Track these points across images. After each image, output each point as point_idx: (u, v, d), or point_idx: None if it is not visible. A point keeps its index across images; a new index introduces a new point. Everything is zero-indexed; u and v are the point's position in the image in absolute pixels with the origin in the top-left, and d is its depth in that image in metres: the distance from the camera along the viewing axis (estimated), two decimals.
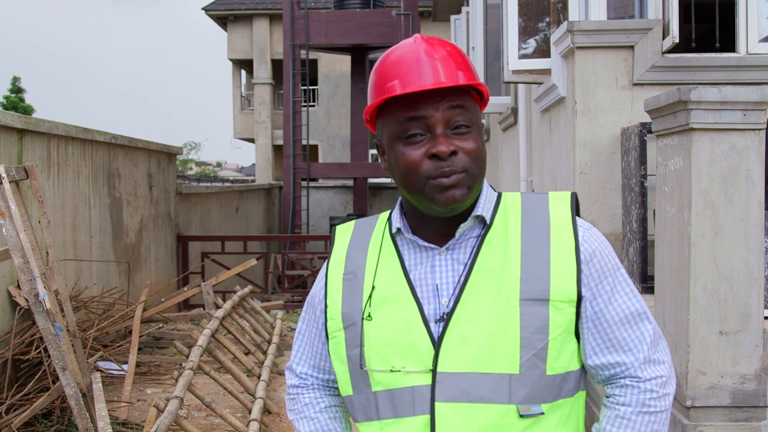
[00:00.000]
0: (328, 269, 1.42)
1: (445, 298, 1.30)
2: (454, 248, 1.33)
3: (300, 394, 1.49)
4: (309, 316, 1.47)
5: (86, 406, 4.14)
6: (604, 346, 1.34)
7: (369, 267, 1.37)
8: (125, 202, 8.23)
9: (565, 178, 4.98)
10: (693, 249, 2.76)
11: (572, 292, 1.29)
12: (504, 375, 1.26)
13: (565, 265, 1.29)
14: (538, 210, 1.35)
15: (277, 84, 22.45)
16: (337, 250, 1.44)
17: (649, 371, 1.34)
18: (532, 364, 1.26)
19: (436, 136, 1.26)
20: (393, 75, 1.29)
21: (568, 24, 4.61)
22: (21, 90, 29.39)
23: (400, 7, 15.09)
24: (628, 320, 1.34)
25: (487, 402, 1.25)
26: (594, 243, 1.34)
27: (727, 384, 2.76)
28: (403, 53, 1.30)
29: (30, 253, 4.13)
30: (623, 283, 1.35)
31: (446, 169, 1.25)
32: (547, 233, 1.32)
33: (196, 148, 46.18)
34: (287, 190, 15.19)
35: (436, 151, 1.25)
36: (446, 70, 1.27)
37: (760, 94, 2.69)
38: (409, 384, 1.28)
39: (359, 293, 1.35)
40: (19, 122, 5.87)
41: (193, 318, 7.68)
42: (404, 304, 1.31)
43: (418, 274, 1.33)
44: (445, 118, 1.26)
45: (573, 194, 1.38)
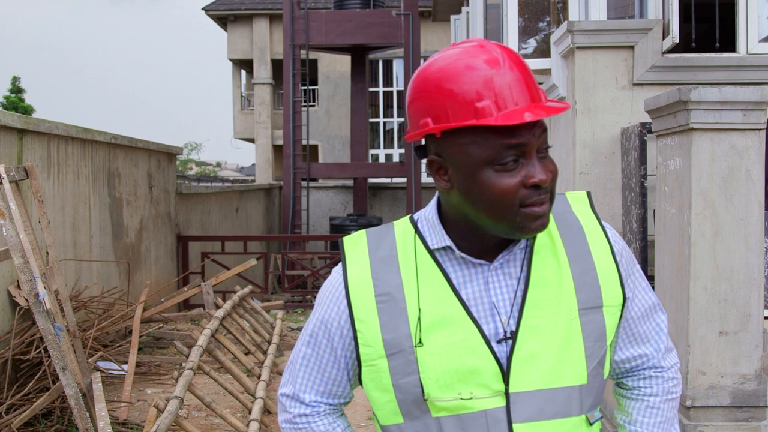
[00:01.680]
0: (349, 290, 1.29)
1: (504, 317, 1.24)
2: (505, 262, 1.27)
3: (312, 422, 1.39)
4: (321, 341, 1.34)
5: (86, 406, 4.14)
6: (628, 340, 1.37)
7: (408, 287, 1.26)
8: (125, 202, 8.23)
9: (565, 178, 4.98)
10: (693, 249, 2.76)
11: (619, 295, 1.30)
12: (575, 387, 1.25)
13: (608, 270, 1.30)
14: (565, 214, 1.33)
15: (277, 84, 22.45)
16: (354, 266, 1.31)
17: (668, 359, 1.40)
18: (596, 372, 1.27)
19: (533, 163, 1.18)
20: (480, 92, 1.15)
21: (568, 24, 4.61)
22: (21, 90, 29.40)
23: (400, 7, 15.09)
24: (648, 313, 1.38)
25: (563, 417, 1.24)
26: (619, 242, 1.35)
27: (727, 384, 2.76)
28: (480, 64, 1.16)
29: (30, 253, 4.13)
30: (640, 278, 1.38)
31: (543, 196, 1.19)
32: (584, 239, 1.31)
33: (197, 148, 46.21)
34: (287, 190, 15.20)
35: (538, 180, 1.17)
36: (531, 90, 1.18)
37: (760, 94, 2.69)
38: (480, 408, 1.23)
39: (404, 317, 1.25)
40: (19, 122, 5.87)
41: (193, 318, 7.68)
42: (461, 327, 1.23)
43: (471, 293, 1.26)
44: (538, 143, 1.19)
45: (588, 194, 1.38)
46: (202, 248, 10.59)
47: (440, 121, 1.18)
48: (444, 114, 1.18)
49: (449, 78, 1.17)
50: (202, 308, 8.25)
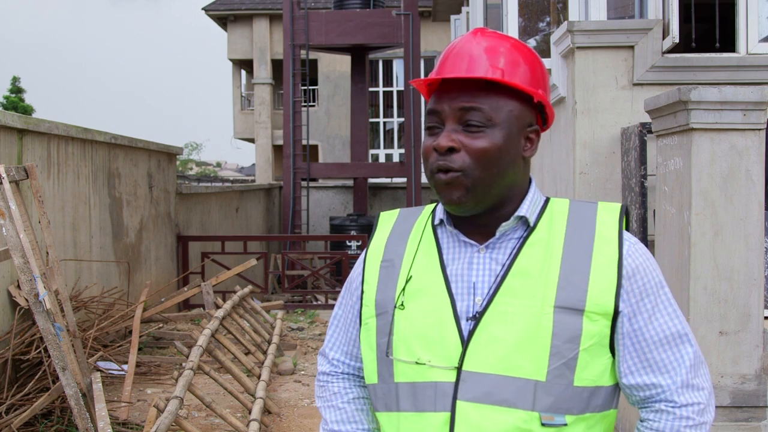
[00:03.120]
0: (366, 255, 1.42)
1: (479, 297, 1.28)
2: (495, 247, 1.31)
3: (329, 382, 1.48)
4: (346, 301, 1.47)
5: (86, 406, 4.14)
6: (641, 365, 1.29)
7: (407, 256, 1.36)
8: (125, 202, 8.23)
9: (565, 178, 4.98)
10: (693, 249, 2.76)
11: (609, 306, 1.26)
12: (530, 381, 1.23)
13: (605, 278, 1.26)
14: (585, 218, 1.32)
15: (277, 84, 22.45)
16: (377, 236, 1.43)
17: (686, 396, 1.28)
18: (559, 373, 1.24)
19: (445, 130, 1.27)
20: (437, 64, 1.32)
21: (568, 24, 4.61)
22: (21, 90, 29.40)
23: (400, 7, 15.08)
24: (668, 341, 1.29)
25: (509, 406, 1.23)
26: (639, 258, 1.30)
27: (727, 384, 2.76)
28: (455, 44, 1.32)
29: (30, 253, 4.13)
30: (666, 303, 1.31)
31: (441, 163, 1.26)
32: (591, 243, 1.29)
33: (197, 148, 46.20)
34: (287, 190, 15.19)
35: (436, 145, 1.26)
36: (478, 65, 1.27)
37: (760, 94, 2.69)
38: (432, 379, 1.27)
39: (394, 281, 1.35)
40: (19, 122, 5.87)
41: (193, 318, 7.68)
42: (438, 298, 1.30)
43: (456, 269, 1.31)
44: (456, 114, 1.26)
45: (623, 207, 1.35)
46: (202, 248, 10.59)
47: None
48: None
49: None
50: (202, 308, 8.24)
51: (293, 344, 7.47)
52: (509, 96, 1.28)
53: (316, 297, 10.71)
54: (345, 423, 1.45)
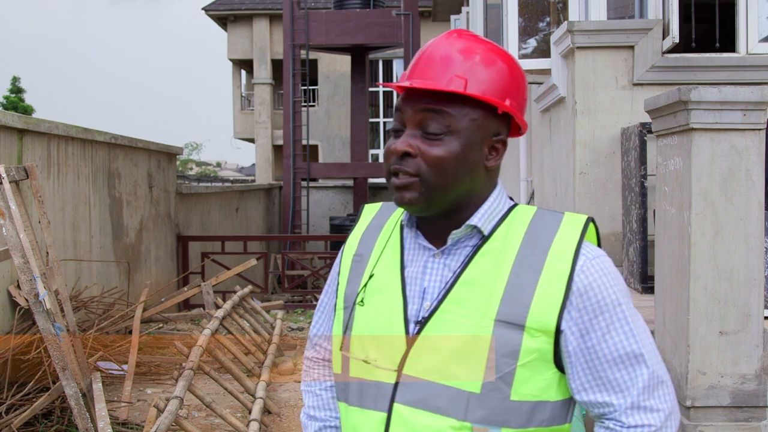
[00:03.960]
0: (345, 247, 1.45)
1: (428, 302, 1.29)
2: (449, 254, 1.31)
3: (311, 368, 1.53)
4: (330, 288, 1.50)
5: (86, 406, 4.14)
6: (594, 383, 1.27)
7: (375, 252, 1.39)
8: (125, 202, 8.23)
9: (565, 178, 4.98)
10: (693, 249, 2.76)
11: (550, 323, 1.23)
12: (464, 392, 1.23)
13: (550, 294, 1.23)
14: (544, 231, 1.29)
15: (277, 84, 22.45)
16: (357, 228, 1.46)
17: (634, 418, 1.25)
18: (494, 386, 1.22)
19: (405, 134, 1.27)
20: (409, 66, 1.31)
21: (568, 24, 4.61)
22: (21, 90, 29.40)
23: (400, 7, 15.09)
24: (622, 360, 1.25)
25: (442, 414, 1.24)
26: (594, 275, 1.25)
27: (727, 384, 2.76)
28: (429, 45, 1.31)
29: (30, 253, 4.13)
30: (622, 321, 1.26)
31: (397, 167, 1.26)
32: (543, 257, 1.25)
33: (197, 148, 46.20)
34: (287, 190, 15.19)
35: (393, 148, 1.27)
36: (442, 72, 1.24)
37: (760, 94, 2.69)
38: (377, 378, 1.30)
39: (360, 277, 1.38)
40: (19, 122, 5.87)
41: (193, 318, 7.68)
42: (393, 299, 1.32)
43: (412, 271, 1.33)
44: (416, 119, 1.26)
45: (588, 219, 1.31)
46: (202, 248, 10.59)
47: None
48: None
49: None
50: (202, 308, 8.25)
51: (293, 344, 7.47)
52: (473, 104, 1.25)
53: (316, 297, 10.71)
54: (320, 409, 1.50)
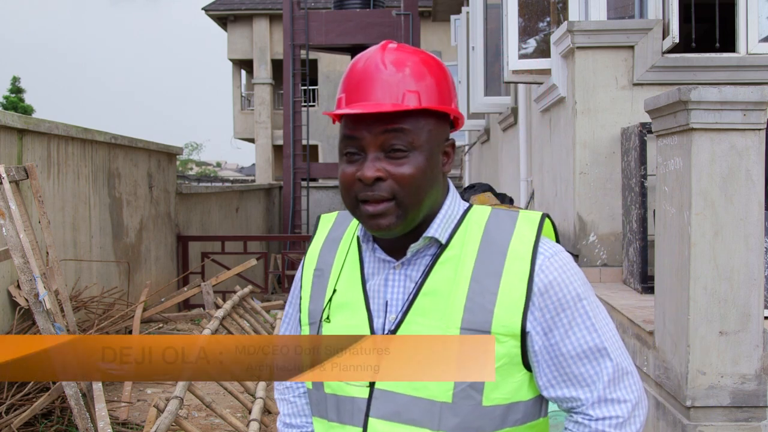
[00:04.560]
0: (305, 261, 1.43)
1: (393, 315, 1.28)
2: (409, 264, 1.30)
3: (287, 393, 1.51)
4: (294, 300, 1.47)
5: (86, 406, 4.14)
6: (560, 379, 1.28)
7: (335, 267, 1.37)
8: (125, 202, 8.23)
9: (565, 178, 4.98)
10: (693, 249, 2.75)
11: (515, 326, 1.23)
12: (436, 402, 1.23)
13: (512, 297, 1.23)
14: (500, 233, 1.28)
15: (277, 84, 22.45)
16: (315, 241, 1.44)
17: (602, 410, 1.27)
18: (466, 394, 1.23)
19: (366, 159, 1.23)
20: (344, 86, 1.27)
21: (568, 24, 4.61)
22: (21, 90, 29.40)
23: (400, 7, 15.09)
24: (585, 355, 1.27)
25: (417, 426, 1.25)
26: (553, 273, 1.26)
27: (727, 384, 2.76)
28: (362, 62, 1.26)
29: (30, 253, 4.13)
30: (584, 316, 1.27)
31: (370, 194, 1.22)
32: (502, 260, 1.25)
33: (197, 148, 46.19)
34: (287, 190, 15.19)
35: (361, 175, 1.22)
36: (392, 90, 1.22)
37: (760, 94, 2.69)
38: (351, 394, 1.30)
39: (323, 293, 1.36)
40: (19, 122, 5.88)
41: (193, 318, 7.68)
42: (357, 314, 1.31)
43: (374, 285, 1.32)
44: (378, 141, 1.22)
45: (543, 216, 1.31)
46: (202, 248, 10.59)
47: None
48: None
49: (345, 73, 1.30)
50: (202, 308, 8.25)
51: None
52: (426, 115, 1.25)
53: None
54: (295, 416, 1.49)
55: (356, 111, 1.21)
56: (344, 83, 1.27)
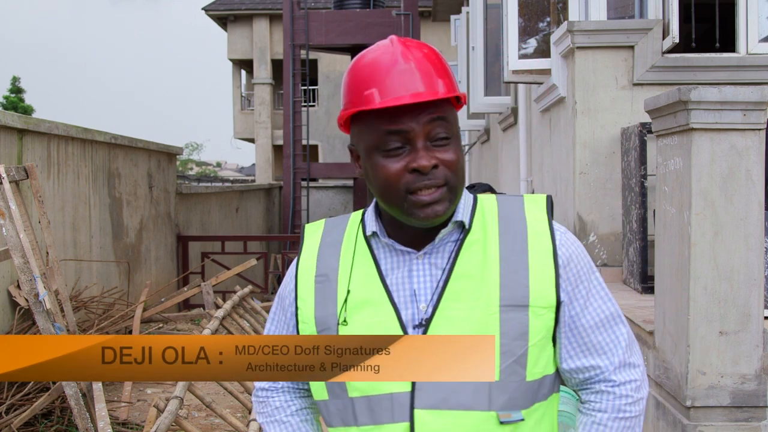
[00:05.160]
0: (297, 270, 1.38)
1: (423, 304, 1.28)
2: (432, 252, 1.31)
3: (270, 397, 1.45)
4: (278, 317, 1.43)
5: (86, 406, 4.14)
6: (579, 350, 1.33)
7: (343, 270, 1.34)
8: (125, 202, 8.23)
9: (565, 178, 4.98)
10: (693, 249, 2.76)
11: (551, 298, 1.28)
12: (483, 382, 1.24)
13: (543, 271, 1.28)
14: (514, 214, 1.33)
15: (277, 84, 22.45)
16: (306, 250, 1.40)
17: (623, 375, 1.34)
18: (512, 370, 1.25)
19: (417, 149, 1.23)
20: (370, 82, 1.24)
21: (568, 24, 4.61)
22: (21, 90, 29.39)
23: (400, 7, 15.09)
24: (603, 324, 1.33)
25: (466, 409, 1.24)
26: (570, 247, 1.33)
27: (727, 384, 2.76)
28: (379, 56, 1.26)
29: (30, 253, 4.13)
30: (598, 287, 1.35)
31: (427, 182, 1.23)
32: (524, 238, 1.30)
33: (198, 149, 46.18)
34: (287, 190, 15.20)
35: (418, 165, 1.22)
36: (425, 79, 1.23)
37: (760, 94, 2.69)
38: (387, 391, 1.26)
39: (333, 297, 1.32)
40: (19, 122, 5.88)
41: (193, 318, 7.68)
42: (381, 310, 1.29)
43: (395, 278, 1.31)
44: (425, 131, 1.23)
45: (548, 197, 1.36)
46: (202, 248, 10.59)
47: (343, 111, 1.29)
48: (346, 104, 1.29)
49: (353, 72, 1.28)
50: (202, 308, 8.25)
51: None
52: (450, 102, 1.28)
53: None
54: None
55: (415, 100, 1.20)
56: (368, 77, 1.25)
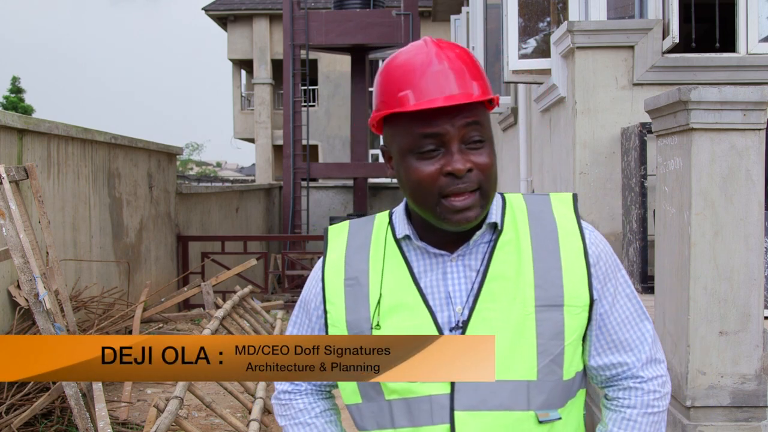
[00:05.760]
0: (324, 273, 1.37)
1: (459, 306, 1.27)
2: (465, 254, 1.30)
3: (293, 399, 1.44)
4: (302, 320, 1.42)
5: (86, 406, 4.14)
6: (607, 346, 1.34)
7: (373, 273, 1.32)
8: (125, 202, 8.23)
9: (565, 178, 4.98)
10: (693, 249, 2.76)
11: (585, 297, 1.29)
12: (523, 382, 1.25)
13: (576, 270, 1.29)
14: (543, 213, 1.34)
15: (277, 84, 22.44)
16: (332, 252, 1.38)
17: (651, 370, 1.35)
18: (549, 370, 1.26)
19: (452, 152, 1.22)
20: (404, 83, 1.23)
21: (568, 24, 4.61)
22: (21, 90, 29.38)
23: (400, 7, 15.09)
24: (630, 321, 1.35)
25: (506, 409, 1.24)
26: (599, 245, 1.34)
27: (727, 384, 2.76)
28: (412, 57, 1.25)
29: (30, 253, 4.13)
30: (624, 285, 1.36)
31: (461, 186, 1.22)
32: (555, 238, 1.31)
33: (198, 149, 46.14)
34: (287, 190, 15.19)
35: (453, 169, 1.21)
36: (459, 81, 1.22)
37: (760, 94, 2.69)
38: (426, 393, 1.25)
39: (365, 301, 1.31)
40: (19, 122, 5.88)
41: (193, 318, 7.68)
42: (416, 313, 1.28)
43: (429, 281, 1.30)
44: (460, 134, 1.22)
45: (574, 196, 1.38)
46: (202, 248, 10.59)
47: (376, 112, 1.29)
48: (379, 106, 1.28)
49: (386, 73, 1.28)
50: (202, 308, 8.25)
51: None
52: (484, 105, 1.28)
53: None
54: None
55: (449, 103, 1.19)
56: (402, 79, 1.24)
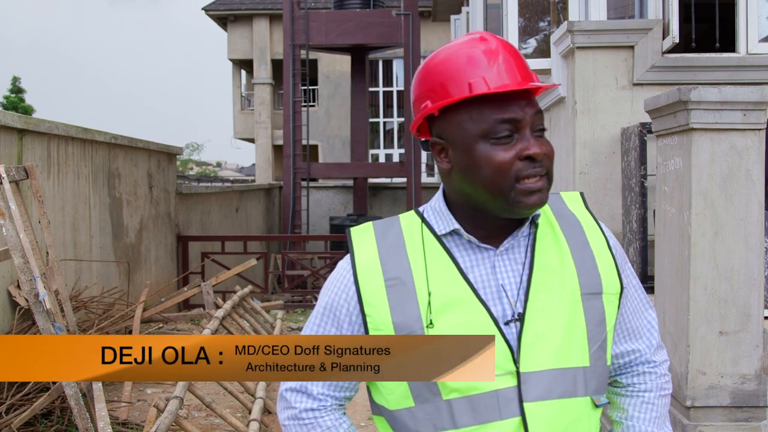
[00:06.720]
0: (357, 276, 1.31)
1: (512, 299, 1.29)
2: (508, 248, 1.32)
3: (319, 417, 1.36)
4: (329, 328, 1.35)
5: (86, 406, 4.14)
6: (623, 334, 1.41)
7: (417, 271, 1.29)
8: (125, 202, 8.23)
9: (565, 178, 4.98)
10: (693, 249, 2.76)
11: (617, 284, 1.35)
12: (579, 368, 1.29)
13: (606, 260, 1.35)
14: (563, 209, 1.39)
15: (277, 84, 22.44)
16: (362, 254, 1.33)
17: (660, 355, 1.45)
18: (598, 356, 1.31)
19: (527, 137, 1.24)
20: (470, 72, 1.24)
21: (568, 24, 4.61)
22: (21, 90, 29.39)
23: (400, 7, 15.08)
24: (640, 309, 1.43)
25: (570, 396, 1.27)
26: (612, 239, 1.40)
27: (727, 384, 2.76)
28: (473, 48, 1.26)
29: (30, 253, 4.13)
30: (632, 275, 1.43)
31: (537, 169, 1.24)
32: (581, 231, 1.37)
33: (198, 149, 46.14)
34: (287, 190, 15.19)
35: (532, 153, 1.23)
36: (524, 73, 1.27)
37: (760, 94, 2.69)
38: (490, 388, 1.24)
39: (413, 300, 1.27)
40: (19, 122, 5.88)
41: (193, 318, 7.68)
42: (470, 308, 1.26)
43: (478, 275, 1.30)
44: (531, 121, 1.25)
45: (581, 194, 1.44)
46: (202, 248, 10.59)
47: (438, 101, 1.27)
48: (442, 93, 1.27)
49: (448, 62, 1.27)
50: (202, 308, 8.24)
51: None
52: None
53: (316, 297, 10.70)
54: None
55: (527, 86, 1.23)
56: (466, 68, 1.25)
